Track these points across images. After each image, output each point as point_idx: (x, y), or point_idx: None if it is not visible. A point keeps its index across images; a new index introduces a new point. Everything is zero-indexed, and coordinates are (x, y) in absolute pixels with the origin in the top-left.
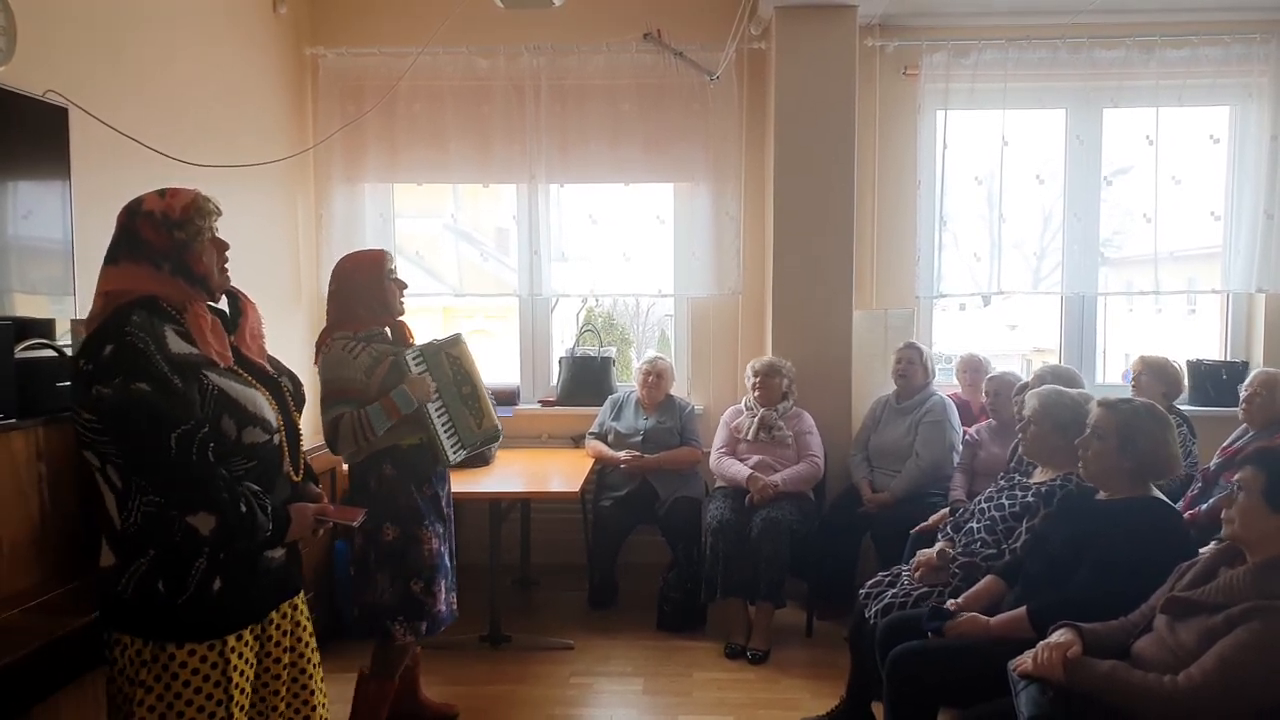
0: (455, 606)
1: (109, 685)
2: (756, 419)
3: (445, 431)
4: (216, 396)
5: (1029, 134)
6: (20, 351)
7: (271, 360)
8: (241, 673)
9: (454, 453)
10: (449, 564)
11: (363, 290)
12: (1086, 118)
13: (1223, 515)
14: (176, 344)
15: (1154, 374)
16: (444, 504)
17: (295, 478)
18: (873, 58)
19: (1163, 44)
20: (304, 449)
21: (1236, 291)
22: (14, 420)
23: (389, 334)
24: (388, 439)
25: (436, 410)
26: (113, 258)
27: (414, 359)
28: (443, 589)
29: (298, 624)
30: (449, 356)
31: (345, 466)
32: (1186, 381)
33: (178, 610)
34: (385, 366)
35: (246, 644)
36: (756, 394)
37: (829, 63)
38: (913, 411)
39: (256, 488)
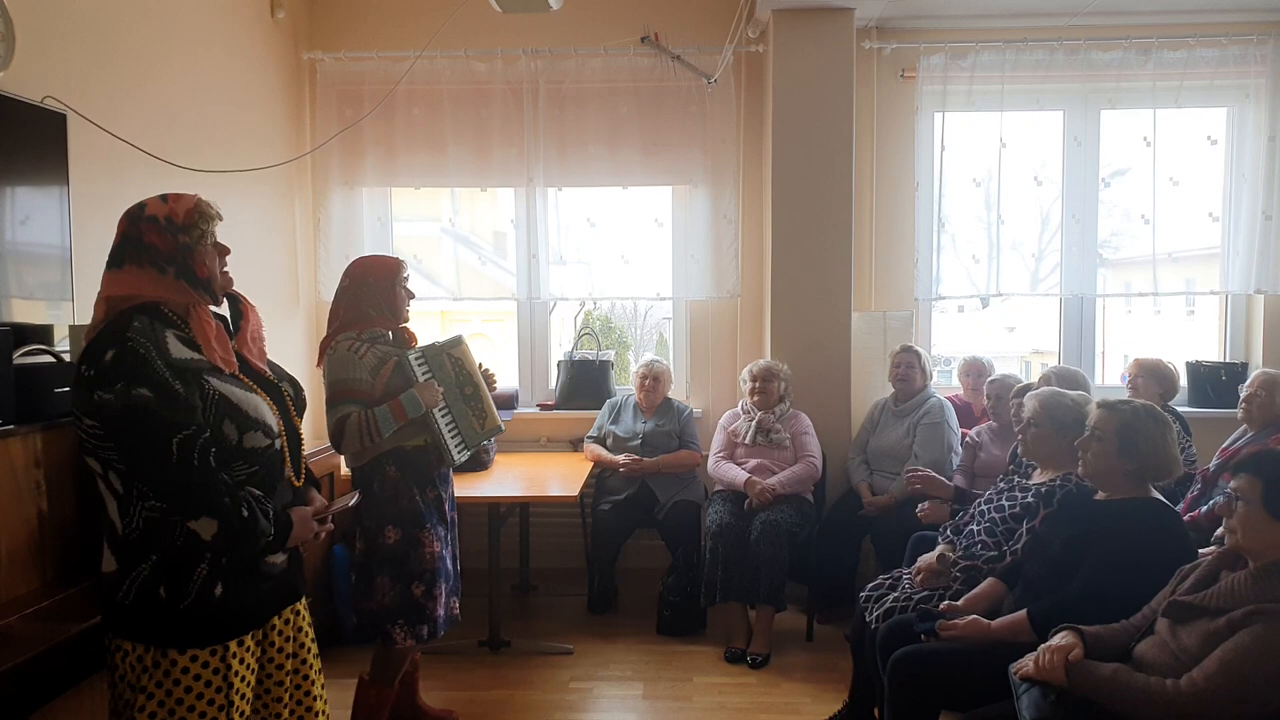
0: (457, 611)
1: (111, 691)
2: (754, 422)
3: (449, 432)
4: (218, 401)
5: (1027, 136)
6: (18, 357)
7: (271, 365)
8: (243, 678)
9: (458, 453)
10: (451, 568)
11: (376, 292)
12: (1084, 119)
13: (1224, 526)
14: (178, 349)
15: (1150, 376)
16: (447, 507)
17: (297, 482)
18: (870, 60)
19: (1160, 46)
20: (305, 453)
21: (1235, 293)
22: (12, 426)
23: (390, 337)
24: (393, 440)
25: (441, 411)
26: (116, 262)
27: (417, 360)
28: (443, 593)
29: (300, 630)
30: (451, 358)
31: (345, 470)
32: (1184, 382)
33: (179, 616)
34: (390, 367)
35: (249, 650)
36: (755, 398)
37: (826, 65)
38: (911, 414)
39: (258, 493)
